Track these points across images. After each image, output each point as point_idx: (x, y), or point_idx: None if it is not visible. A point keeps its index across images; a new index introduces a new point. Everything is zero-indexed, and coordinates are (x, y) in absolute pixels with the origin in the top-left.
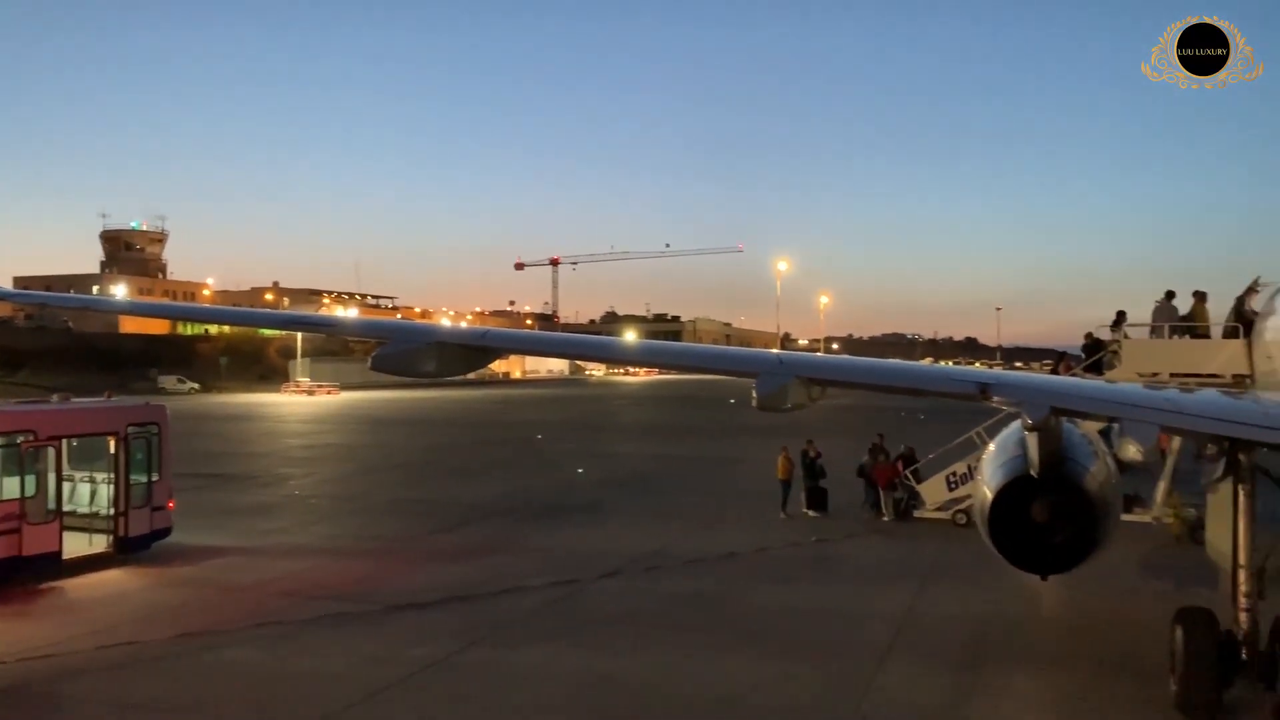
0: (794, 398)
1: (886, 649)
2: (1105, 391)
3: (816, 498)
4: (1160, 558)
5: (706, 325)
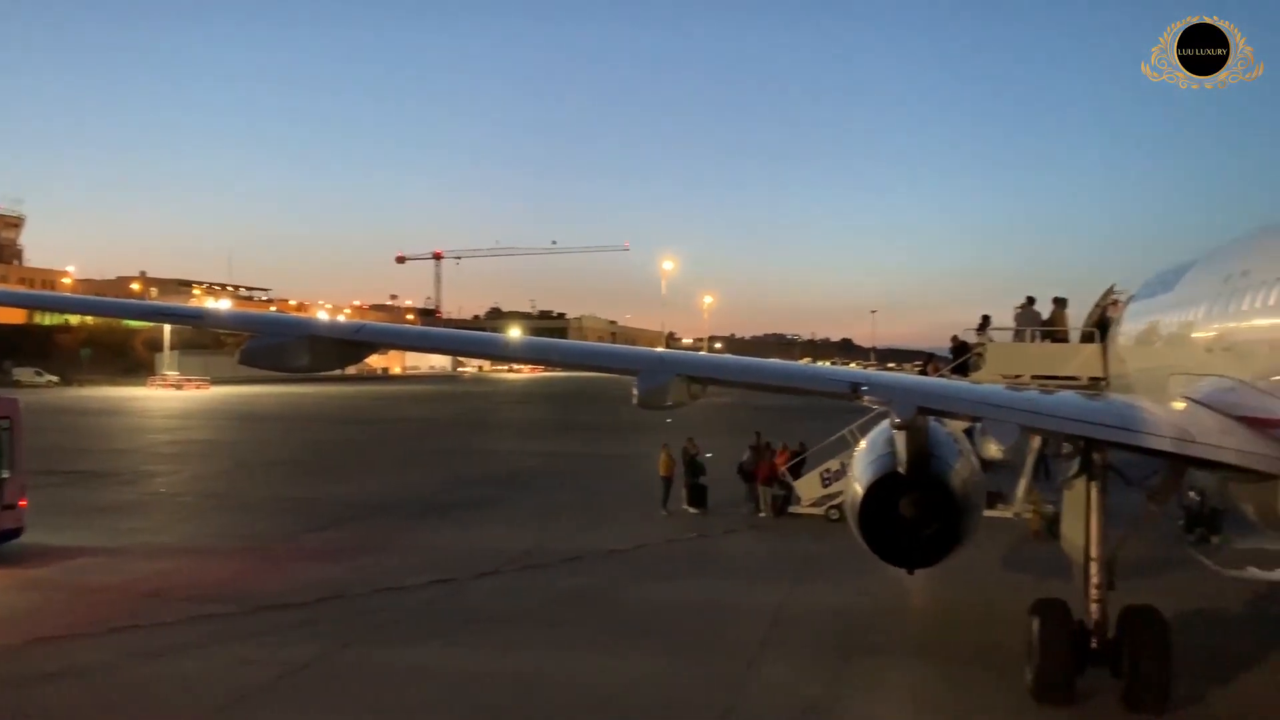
0: (675, 395)
1: (762, 643)
2: (969, 392)
3: (697, 495)
4: (1020, 552)
5: (592, 323)
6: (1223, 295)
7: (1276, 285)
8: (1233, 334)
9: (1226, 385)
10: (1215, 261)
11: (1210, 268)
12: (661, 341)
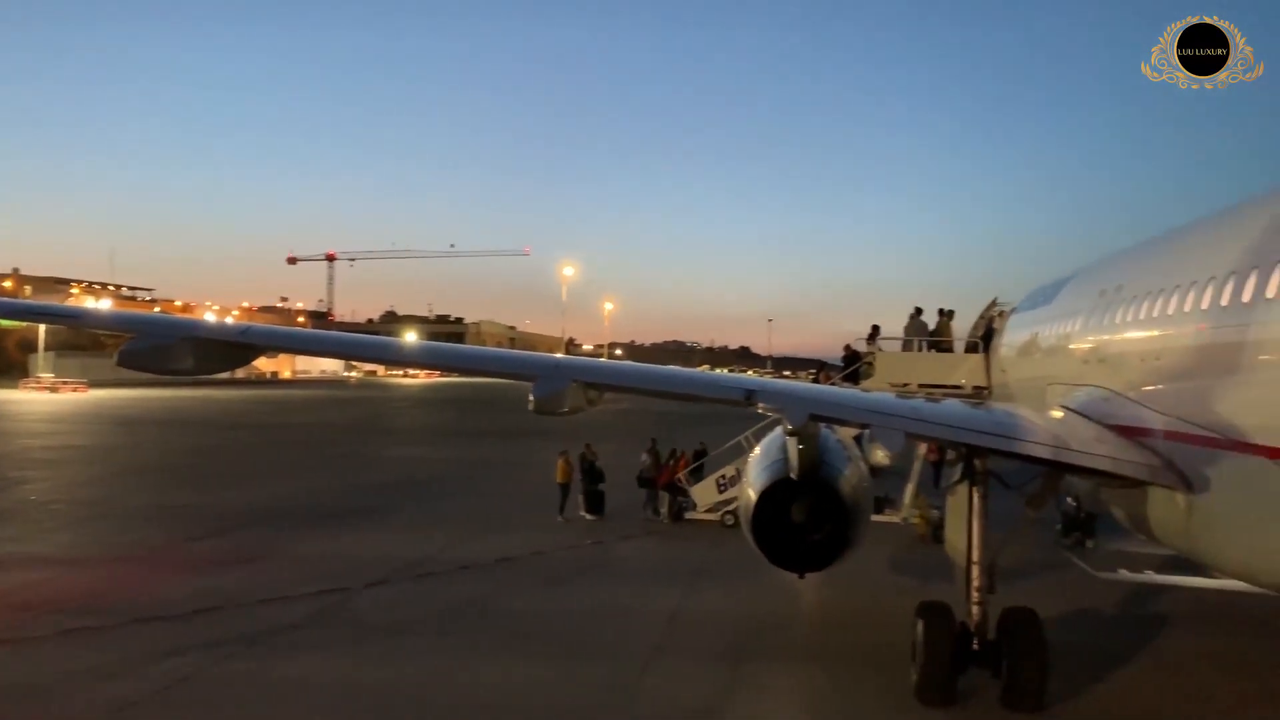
0: (571, 401)
1: (656, 649)
2: (858, 400)
3: (594, 500)
4: (907, 556)
5: (491, 328)
6: (1098, 309)
7: (1146, 299)
8: (1106, 346)
9: (1101, 395)
10: (1091, 276)
11: (1086, 282)
12: (562, 347)
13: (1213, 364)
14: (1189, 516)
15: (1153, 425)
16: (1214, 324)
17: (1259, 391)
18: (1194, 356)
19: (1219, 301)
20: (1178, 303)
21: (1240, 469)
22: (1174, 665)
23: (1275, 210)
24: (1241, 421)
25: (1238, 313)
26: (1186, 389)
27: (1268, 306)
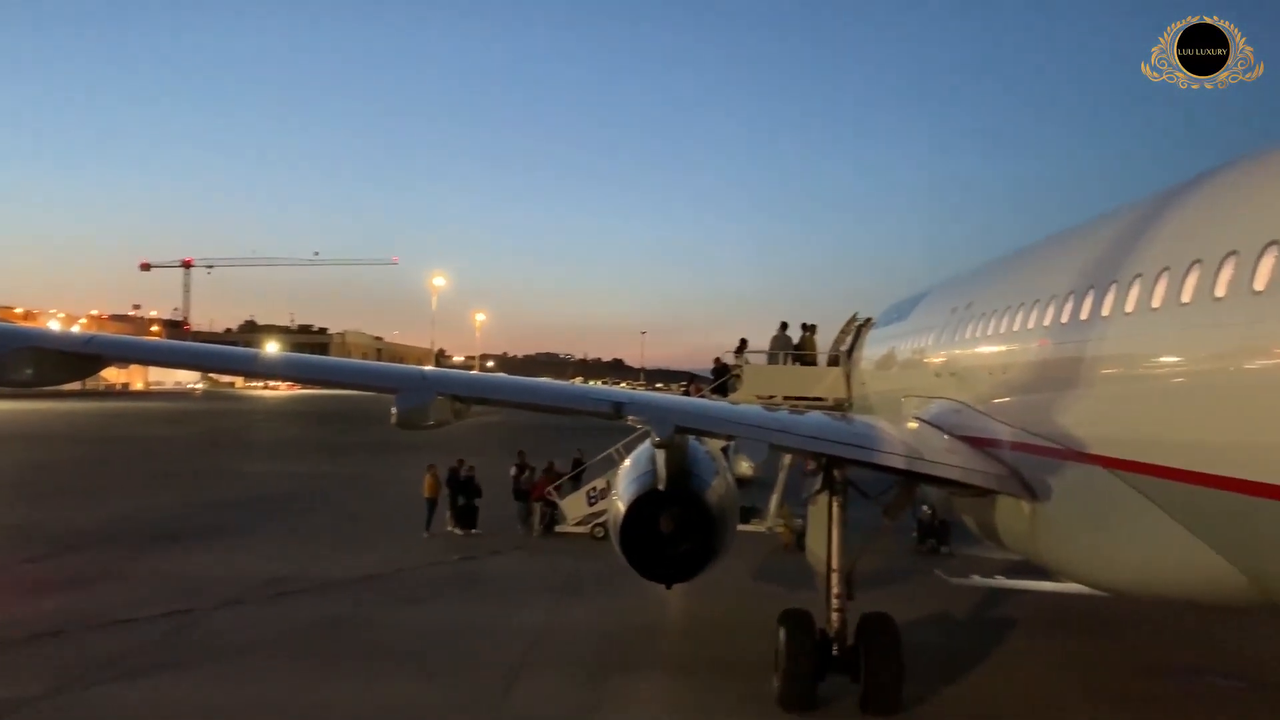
0: (437, 415)
1: (521, 665)
2: (724, 412)
3: (468, 515)
4: (771, 564)
5: (357, 339)
6: (949, 325)
7: (994, 316)
8: (957, 360)
9: (952, 407)
10: (944, 292)
11: (940, 298)
12: (431, 359)
13: (1054, 378)
14: (1033, 523)
15: (1000, 436)
16: (1055, 340)
17: (1096, 404)
18: (1037, 371)
19: (1060, 319)
20: (1022, 319)
21: (1079, 477)
22: (1020, 665)
23: (1112, 232)
24: (1080, 432)
25: (1077, 329)
26: (1030, 402)
27: (1104, 324)
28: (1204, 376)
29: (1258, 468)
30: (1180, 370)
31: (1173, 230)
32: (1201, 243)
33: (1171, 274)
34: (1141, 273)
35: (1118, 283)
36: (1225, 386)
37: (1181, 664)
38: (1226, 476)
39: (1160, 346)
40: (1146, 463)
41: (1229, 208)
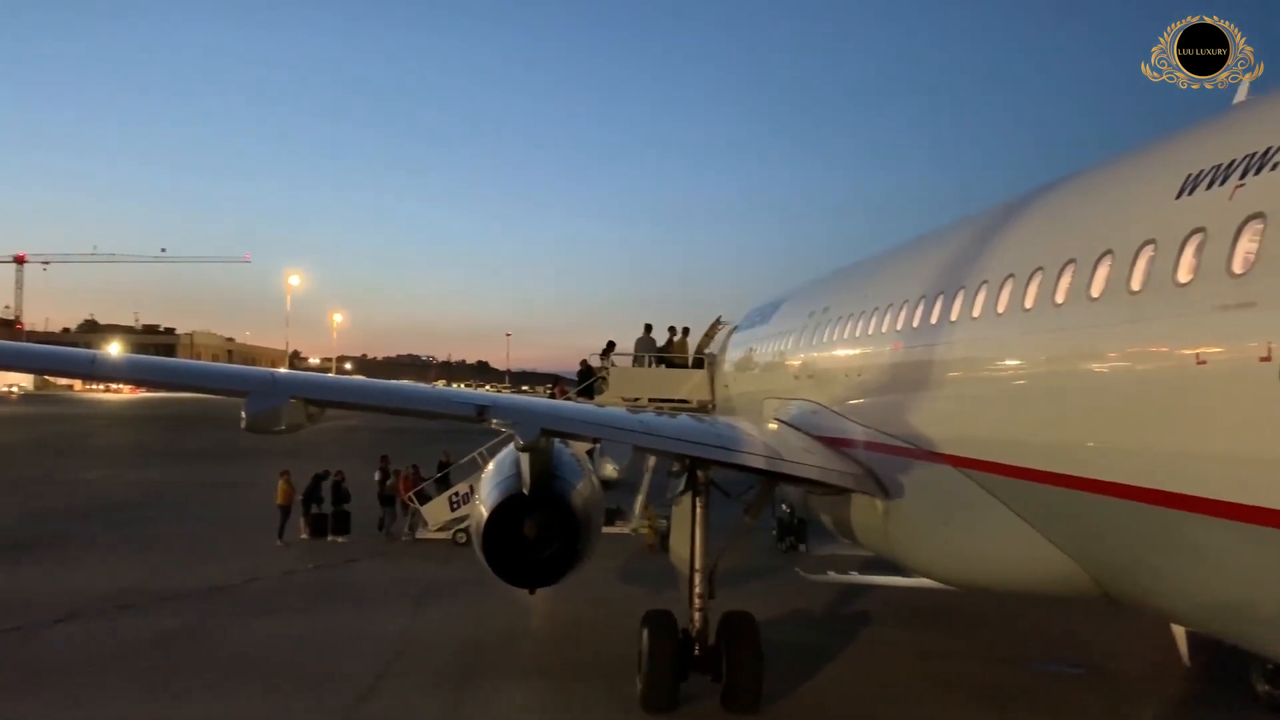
0: (289, 418)
1: (380, 674)
2: (589, 414)
3: (340, 521)
4: (636, 566)
5: (206, 340)
6: (808, 328)
7: (849, 320)
8: (815, 363)
9: (811, 408)
10: (803, 296)
11: (799, 302)
12: (285, 361)
13: (906, 380)
14: (886, 521)
15: (855, 436)
16: (907, 343)
17: (945, 405)
18: (890, 373)
19: (911, 323)
20: (876, 323)
21: (929, 476)
22: (876, 658)
23: (961, 239)
24: (930, 432)
25: (927, 333)
26: (884, 403)
27: (953, 328)
28: (1045, 379)
29: (1094, 465)
30: (1023, 372)
31: (1017, 238)
32: (1043, 251)
33: (1015, 280)
34: (988, 279)
35: (965, 288)
36: (1064, 388)
37: (1027, 654)
38: (1066, 474)
39: (1004, 350)
40: (992, 461)
41: (1069, 218)
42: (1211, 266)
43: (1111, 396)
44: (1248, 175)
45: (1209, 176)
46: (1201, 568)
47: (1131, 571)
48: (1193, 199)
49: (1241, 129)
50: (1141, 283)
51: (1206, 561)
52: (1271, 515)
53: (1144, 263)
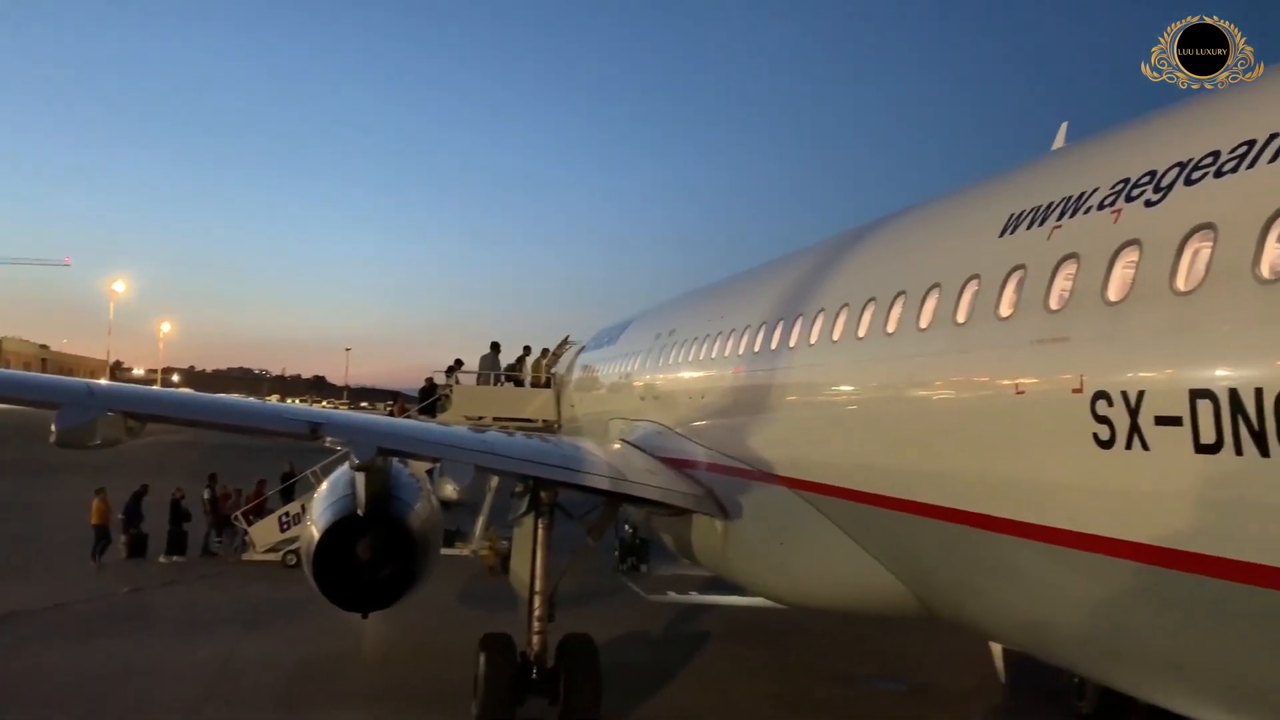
0: (105, 433)
1: (200, 702)
2: (429, 433)
3: (176, 541)
4: (475, 588)
5: (18, 347)
6: (654, 350)
7: (694, 343)
8: (660, 385)
9: (655, 430)
10: (651, 318)
11: (646, 324)
12: (105, 372)
13: (746, 403)
14: (725, 541)
15: (697, 458)
16: (748, 367)
17: (782, 428)
18: (731, 396)
19: (753, 347)
20: (720, 347)
21: (766, 497)
22: (714, 676)
23: (803, 267)
24: (767, 455)
25: (766, 358)
26: (724, 425)
27: (791, 353)
28: (876, 404)
29: (919, 489)
30: (855, 398)
31: (855, 268)
32: (877, 281)
33: (851, 309)
34: (825, 307)
35: (804, 315)
36: (894, 414)
37: (861, 672)
38: (894, 496)
39: (838, 376)
40: (825, 483)
41: (902, 250)
42: (1030, 302)
43: (937, 422)
44: (1064, 217)
45: (1029, 217)
46: (1015, 587)
47: (952, 590)
48: (1015, 237)
49: (1059, 173)
50: (966, 315)
51: (1019, 581)
52: (1078, 538)
53: (969, 296)
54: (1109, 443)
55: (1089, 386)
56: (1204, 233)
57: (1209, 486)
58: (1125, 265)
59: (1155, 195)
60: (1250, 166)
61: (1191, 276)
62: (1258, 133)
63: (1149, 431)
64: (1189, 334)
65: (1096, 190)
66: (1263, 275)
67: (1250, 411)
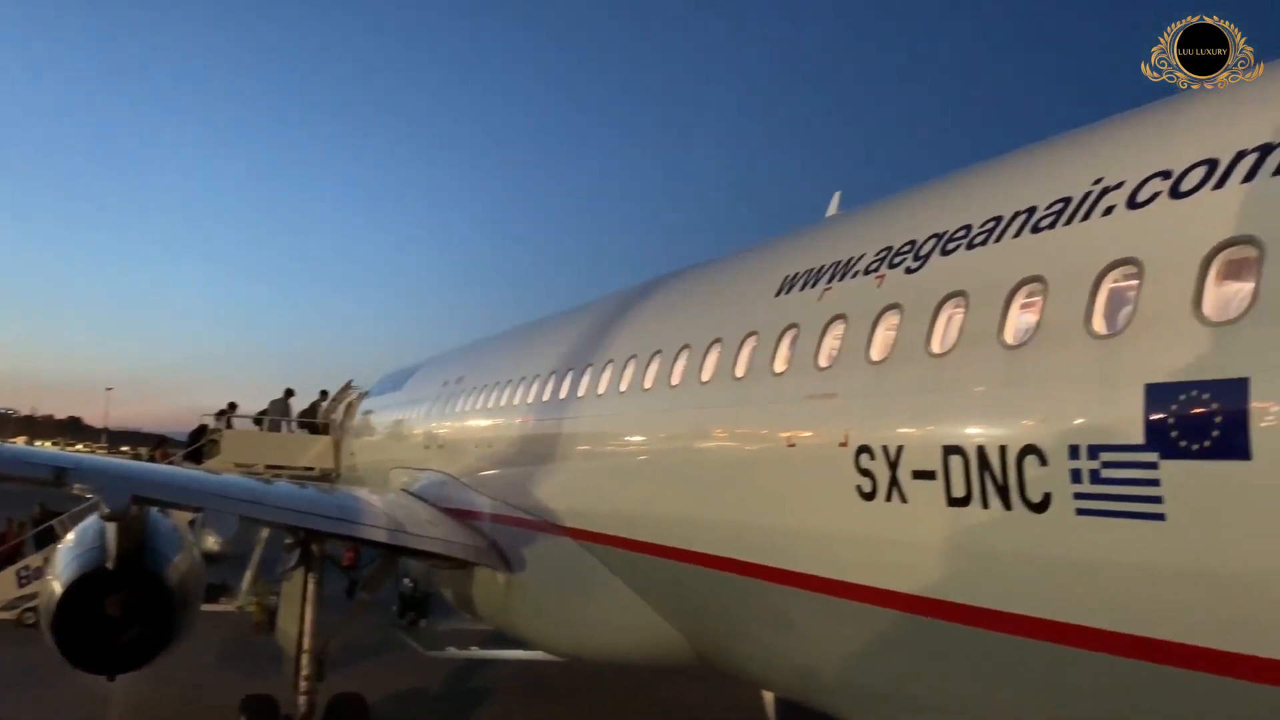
0: None
1: None
2: (192, 480)
3: None
4: (239, 646)
5: None
6: (440, 397)
7: (482, 391)
8: (446, 434)
9: (439, 480)
10: (439, 365)
11: (434, 370)
12: None
13: (532, 453)
14: (507, 595)
15: (482, 509)
16: (535, 417)
17: (567, 479)
18: (518, 446)
19: (541, 397)
20: (508, 396)
21: (550, 549)
22: None
23: (594, 317)
24: (552, 505)
25: (554, 408)
26: (510, 476)
27: (578, 404)
28: (657, 456)
29: (697, 539)
30: (638, 449)
31: (644, 320)
32: (664, 334)
33: (638, 361)
34: (614, 358)
35: (593, 366)
36: (674, 465)
37: None
38: (672, 547)
39: (624, 427)
40: (608, 534)
41: (690, 304)
42: (802, 359)
43: (715, 473)
44: (834, 280)
45: (804, 279)
46: (783, 635)
47: (727, 639)
48: (790, 297)
49: (831, 239)
50: (745, 370)
51: (788, 629)
52: (843, 587)
53: (747, 352)
54: (871, 495)
55: (853, 441)
56: (957, 299)
57: (960, 538)
58: (887, 327)
59: (915, 263)
60: (997, 241)
61: (945, 340)
62: (1003, 210)
63: (907, 485)
64: (943, 393)
65: (864, 256)
66: (1007, 341)
67: (995, 467)
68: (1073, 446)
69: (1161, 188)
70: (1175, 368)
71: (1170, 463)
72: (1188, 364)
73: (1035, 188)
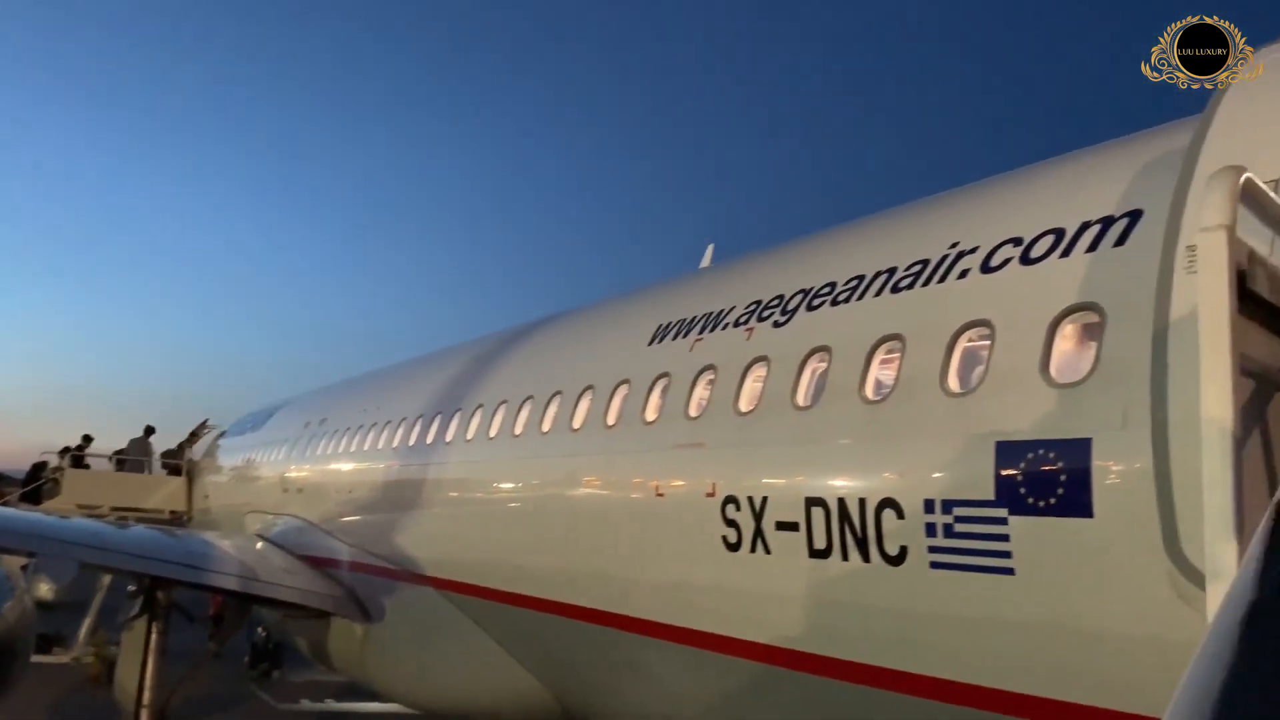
0: None
1: None
2: (24, 523)
3: None
4: (73, 701)
5: None
6: (301, 439)
7: (345, 434)
8: (305, 477)
9: (297, 525)
10: (301, 405)
11: (296, 410)
12: None
13: (395, 499)
14: (364, 645)
15: (341, 557)
16: (400, 462)
17: (431, 526)
18: (381, 491)
19: (406, 441)
20: (373, 439)
21: (411, 598)
22: None
23: (466, 360)
24: (415, 554)
25: (420, 453)
26: (373, 522)
27: (445, 449)
28: (524, 503)
29: (559, 588)
30: (505, 496)
31: (517, 365)
32: (537, 380)
33: (509, 406)
34: (484, 403)
35: (463, 410)
36: (539, 513)
37: None
38: (535, 596)
39: (492, 473)
40: (470, 583)
41: (563, 350)
42: (673, 408)
43: (583, 522)
44: (705, 331)
45: (676, 328)
46: (647, 687)
47: (592, 692)
48: (662, 346)
49: (704, 290)
50: (616, 418)
51: (651, 681)
52: (707, 638)
53: (619, 400)
54: (736, 545)
55: (720, 491)
56: (821, 354)
57: (820, 589)
58: (755, 379)
59: (782, 317)
60: (859, 299)
61: (809, 393)
62: (866, 269)
63: (770, 536)
64: (806, 445)
65: (734, 308)
66: (868, 396)
67: (855, 519)
68: (928, 500)
69: (1013, 254)
70: (1023, 427)
71: (1019, 519)
72: (1035, 423)
73: (897, 248)
